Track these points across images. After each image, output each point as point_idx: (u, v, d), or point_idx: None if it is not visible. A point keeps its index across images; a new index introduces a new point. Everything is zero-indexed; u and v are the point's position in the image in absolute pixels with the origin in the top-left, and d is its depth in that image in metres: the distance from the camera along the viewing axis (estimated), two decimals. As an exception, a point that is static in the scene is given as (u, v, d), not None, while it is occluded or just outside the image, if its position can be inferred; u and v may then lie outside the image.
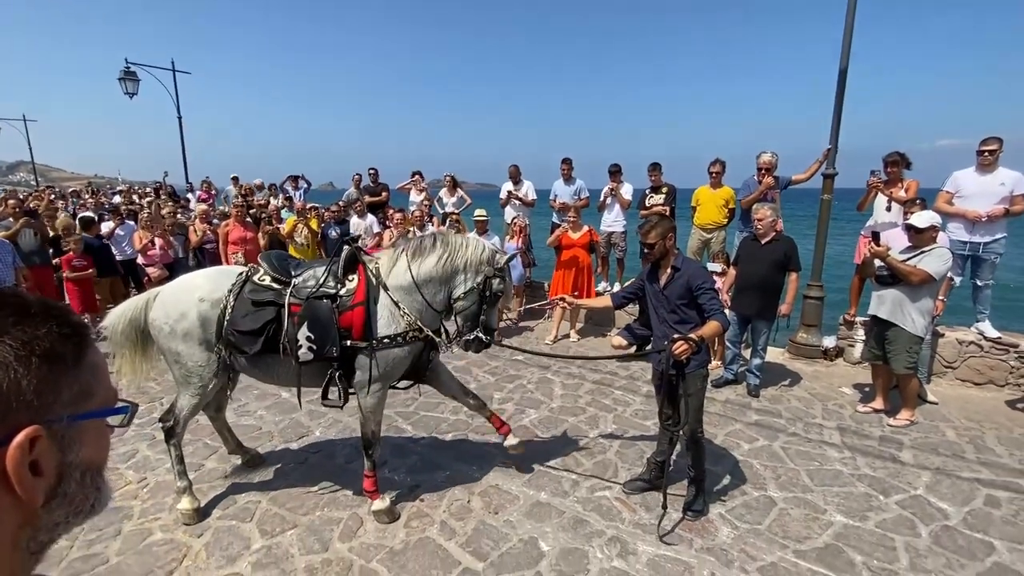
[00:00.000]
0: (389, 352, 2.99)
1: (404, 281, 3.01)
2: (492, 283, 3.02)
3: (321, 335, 2.87)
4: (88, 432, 0.56)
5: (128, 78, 13.09)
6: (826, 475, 3.66)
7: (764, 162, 5.80)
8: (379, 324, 2.97)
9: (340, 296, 2.96)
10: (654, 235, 3.09)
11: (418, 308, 3.02)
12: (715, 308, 2.93)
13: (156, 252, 7.41)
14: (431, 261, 3.00)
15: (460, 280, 3.03)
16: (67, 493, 0.54)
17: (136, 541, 2.94)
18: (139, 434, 4.24)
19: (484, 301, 3.03)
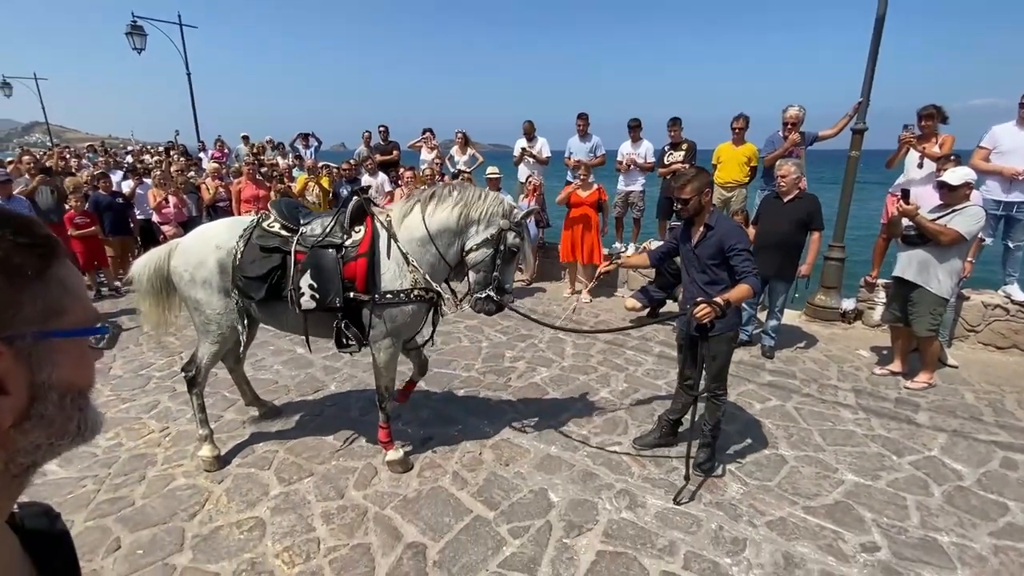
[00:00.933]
0: (392, 309, 2.95)
1: (418, 232, 2.94)
2: (507, 236, 2.94)
3: (324, 285, 2.85)
4: (63, 352, 0.53)
5: (135, 32, 12.84)
6: (839, 435, 3.64)
7: (790, 116, 5.54)
8: (384, 278, 2.92)
9: (345, 247, 2.92)
10: (689, 190, 2.90)
11: (430, 261, 2.96)
12: (747, 270, 2.79)
13: (170, 210, 7.43)
14: (446, 210, 2.92)
15: (473, 231, 2.94)
16: (43, 415, 0.52)
17: (160, 486, 3.06)
18: (160, 386, 4.36)
19: (498, 255, 2.94)
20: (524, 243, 3.06)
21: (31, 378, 0.50)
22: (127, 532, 2.69)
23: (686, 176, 2.98)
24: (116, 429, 3.68)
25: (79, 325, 0.55)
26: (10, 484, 0.53)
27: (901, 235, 4.27)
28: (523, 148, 7.59)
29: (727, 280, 2.91)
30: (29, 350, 0.50)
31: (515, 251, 3.00)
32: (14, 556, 0.58)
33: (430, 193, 3.00)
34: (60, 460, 3.28)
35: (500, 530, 2.70)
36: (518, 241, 2.98)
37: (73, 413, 0.55)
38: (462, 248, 2.98)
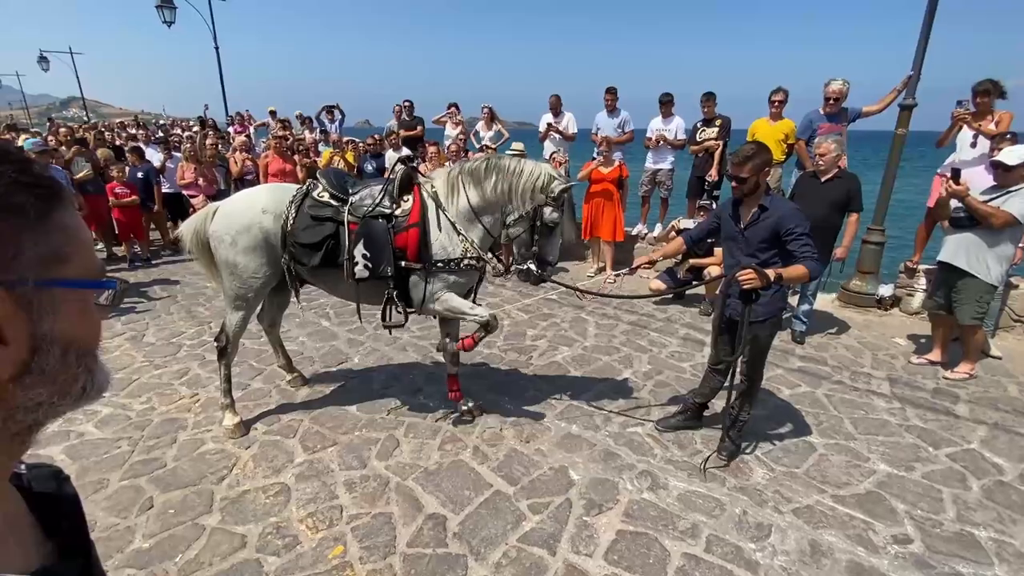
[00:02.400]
0: (443, 276, 3.00)
1: (462, 207, 2.99)
2: (543, 211, 2.92)
3: (376, 254, 2.92)
4: (66, 303, 0.50)
5: (165, 5, 12.93)
6: (872, 424, 3.51)
7: (833, 91, 5.24)
8: (436, 247, 2.97)
9: (396, 216, 2.97)
10: (749, 168, 2.70)
11: (479, 235, 3.01)
12: (807, 253, 2.62)
13: (200, 184, 7.55)
14: (488, 187, 2.94)
15: (512, 207, 2.96)
16: (46, 370, 0.49)
17: (190, 449, 3.15)
18: (191, 354, 4.47)
19: (536, 231, 2.95)
20: (563, 216, 3.01)
21: (32, 328, 0.47)
22: (159, 492, 2.78)
23: (745, 152, 2.75)
24: (149, 394, 3.79)
25: (84, 277, 0.52)
26: (11, 443, 0.51)
27: (949, 218, 4.03)
28: (549, 124, 7.42)
29: (778, 266, 2.74)
30: (30, 298, 0.47)
31: (553, 226, 2.98)
32: (20, 518, 0.56)
33: (471, 167, 2.99)
34: (96, 421, 3.42)
35: (520, 505, 2.70)
36: (556, 216, 2.96)
37: (79, 372, 0.52)
38: (503, 222, 3.01)
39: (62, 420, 3.41)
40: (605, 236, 6.60)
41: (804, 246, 2.65)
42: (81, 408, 0.56)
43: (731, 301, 2.87)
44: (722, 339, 3.13)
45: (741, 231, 2.87)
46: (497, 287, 6.33)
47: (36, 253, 0.47)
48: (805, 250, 2.64)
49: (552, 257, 3.07)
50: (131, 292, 6.07)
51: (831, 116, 5.40)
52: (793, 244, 2.68)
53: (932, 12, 4.99)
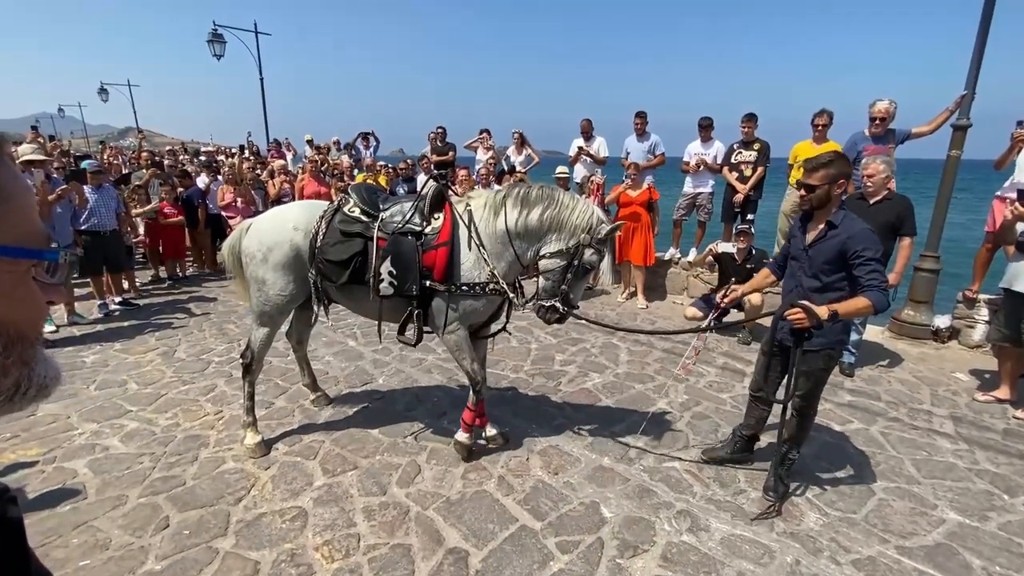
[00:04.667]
0: (466, 300, 2.90)
1: (498, 229, 2.86)
2: (585, 252, 2.77)
3: (403, 271, 2.84)
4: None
5: (215, 40, 13.71)
6: (936, 467, 3.19)
7: (879, 111, 5.02)
8: (463, 269, 2.86)
9: (425, 234, 2.88)
10: (821, 176, 2.47)
11: (508, 260, 2.88)
12: (873, 282, 2.37)
13: (238, 205, 7.77)
14: (534, 214, 2.80)
15: (553, 238, 2.81)
16: None
17: (210, 467, 3.08)
18: (219, 371, 4.47)
19: (570, 269, 2.78)
20: (602, 261, 2.85)
21: None
22: (176, 512, 2.70)
23: (820, 159, 2.52)
24: (175, 409, 3.78)
25: (15, 243, 0.41)
26: None
27: (1015, 242, 3.73)
28: (580, 147, 7.39)
29: (843, 291, 2.49)
30: None
31: (589, 268, 2.83)
32: None
33: (517, 193, 2.86)
34: (121, 436, 3.40)
35: (547, 543, 2.51)
36: (595, 259, 2.80)
37: (10, 364, 0.42)
38: (538, 252, 2.87)
39: (89, 433, 3.42)
40: (635, 260, 6.43)
41: (871, 273, 2.39)
42: (20, 410, 0.45)
43: (783, 324, 2.62)
44: (773, 363, 2.88)
45: (805, 249, 2.63)
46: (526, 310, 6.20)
47: None
48: (872, 278, 2.37)
49: (577, 299, 2.89)
50: (168, 309, 6.22)
51: (877, 138, 5.16)
52: (859, 269, 2.42)
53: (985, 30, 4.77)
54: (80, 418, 3.64)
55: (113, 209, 6.07)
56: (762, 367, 2.95)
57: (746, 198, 6.18)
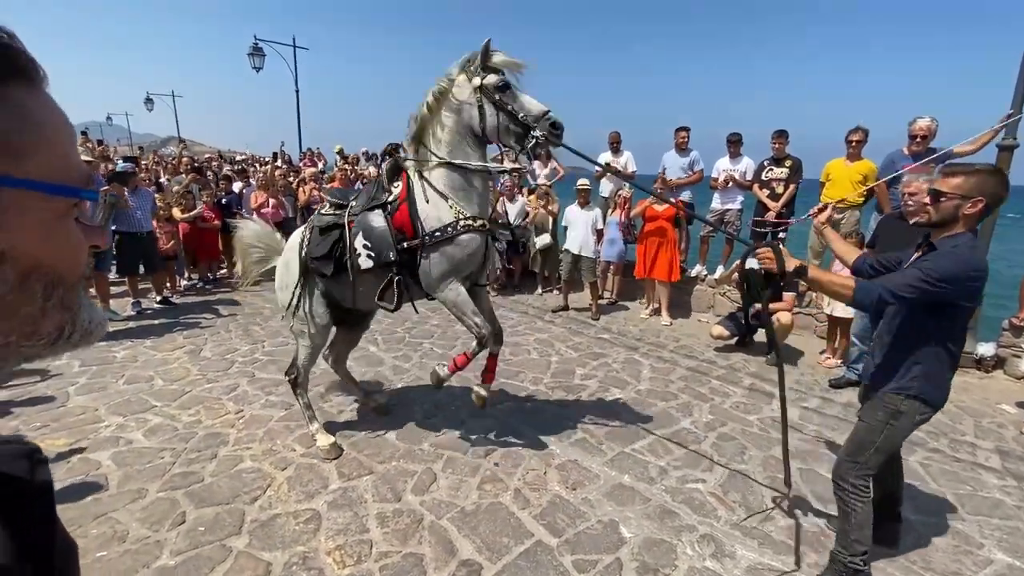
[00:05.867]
0: (443, 248, 2.82)
1: (438, 174, 2.85)
2: (486, 88, 2.66)
3: (377, 241, 2.88)
4: (24, 212, 0.38)
5: (256, 53, 14.24)
6: (982, 503, 2.99)
7: (920, 128, 4.86)
8: (427, 219, 2.83)
9: (389, 203, 2.93)
10: (956, 184, 1.96)
11: (464, 187, 2.83)
12: (883, 282, 2.01)
13: (269, 210, 7.97)
14: (438, 135, 2.79)
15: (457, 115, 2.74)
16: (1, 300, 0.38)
17: (228, 466, 3.09)
18: (242, 371, 4.53)
19: (501, 105, 2.65)
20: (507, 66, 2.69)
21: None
22: (193, 508, 2.71)
23: (965, 168, 2.02)
24: (198, 407, 3.83)
25: (50, 178, 0.40)
26: None
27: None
28: (607, 162, 7.35)
29: (928, 331, 2.04)
30: None
31: (504, 86, 2.68)
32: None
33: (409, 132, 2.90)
34: (144, 430, 3.46)
35: (564, 561, 2.42)
36: (493, 78, 2.66)
37: (49, 307, 0.41)
38: (475, 134, 2.78)
39: (114, 426, 3.49)
40: (661, 276, 6.32)
41: (900, 276, 2.01)
42: (63, 352, 0.44)
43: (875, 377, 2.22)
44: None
45: (898, 266, 2.23)
46: (546, 323, 6.15)
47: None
48: (894, 279, 2.01)
49: (536, 108, 2.68)
50: (197, 309, 6.37)
51: (917, 156, 4.98)
52: (898, 269, 2.15)
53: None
54: (107, 411, 3.72)
55: (149, 211, 6.28)
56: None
57: (778, 215, 6.04)
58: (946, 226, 2.02)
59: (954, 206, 1.97)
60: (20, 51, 0.39)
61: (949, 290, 1.90)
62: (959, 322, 2.04)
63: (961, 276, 1.90)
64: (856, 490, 2.20)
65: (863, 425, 2.23)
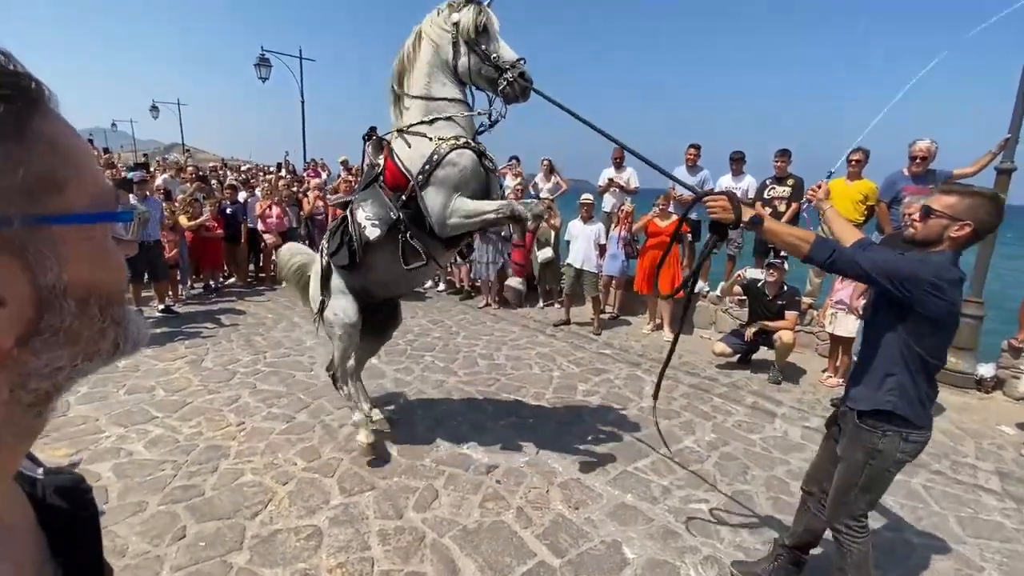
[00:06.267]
0: (436, 175, 2.70)
1: (415, 109, 2.81)
2: (455, 16, 2.66)
3: (376, 209, 2.86)
4: (73, 244, 0.40)
5: (262, 64, 14.39)
6: (983, 526, 2.98)
7: (919, 150, 4.92)
8: (413, 162, 2.74)
9: (379, 173, 2.92)
10: (947, 204, 1.87)
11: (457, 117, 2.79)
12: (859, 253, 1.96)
13: (272, 220, 8.00)
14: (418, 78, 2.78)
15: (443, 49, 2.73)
16: (60, 327, 0.39)
17: (229, 479, 3.08)
18: (243, 382, 4.53)
19: (475, 46, 2.65)
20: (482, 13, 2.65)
21: (32, 279, 0.37)
22: (194, 522, 2.70)
23: (962, 188, 1.94)
24: (199, 418, 3.82)
25: (89, 208, 0.41)
26: (24, 415, 0.40)
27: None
28: (610, 178, 7.41)
29: (900, 338, 1.90)
30: (21, 241, 0.36)
31: (482, 28, 2.64)
32: (23, 533, 0.45)
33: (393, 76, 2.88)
34: (145, 441, 3.45)
35: (566, 581, 2.41)
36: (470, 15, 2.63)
37: (107, 327, 0.42)
38: (455, 70, 2.75)
39: (115, 437, 3.48)
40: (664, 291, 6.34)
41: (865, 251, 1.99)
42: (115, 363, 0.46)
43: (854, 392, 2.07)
44: (827, 449, 2.27)
45: None
46: (548, 337, 6.16)
47: (15, 181, 0.36)
48: (857, 251, 1.98)
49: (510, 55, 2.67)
50: (199, 319, 6.37)
51: (917, 177, 5.05)
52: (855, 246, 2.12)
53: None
54: (108, 421, 3.71)
55: (158, 220, 6.32)
56: (820, 453, 2.36)
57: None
58: (930, 245, 1.92)
59: (941, 226, 1.88)
60: (25, 75, 0.38)
61: (903, 291, 1.80)
62: (933, 338, 1.89)
63: (919, 279, 1.79)
64: (850, 530, 2.09)
65: (843, 464, 2.08)
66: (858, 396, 2.03)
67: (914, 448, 1.98)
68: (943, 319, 1.85)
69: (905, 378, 1.90)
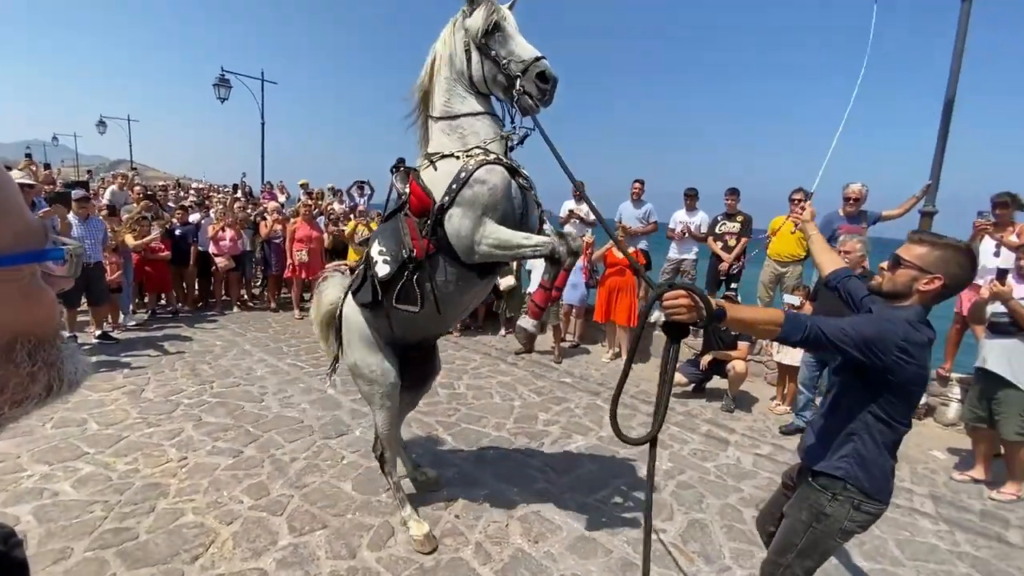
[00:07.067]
0: (463, 195, 2.30)
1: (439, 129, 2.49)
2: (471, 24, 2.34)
3: (389, 240, 2.53)
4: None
5: (222, 84, 14.12)
6: (919, 548, 3.14)
7: (853, 191, 5.34)
8: (439, 183, 2.37)
9: (405, 200, 2.55)
10: (918, 254, 1.79)
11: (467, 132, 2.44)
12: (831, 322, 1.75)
13: (226, 243, 7.73)
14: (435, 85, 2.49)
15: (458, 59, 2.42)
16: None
17: (168, 520, 2.88)
18: (187, 414, 4.28)
19: (487, 50, 2.31)
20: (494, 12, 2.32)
21: None
22: (124, 569, 2.50)
23: (934, 238, 1.81)
24: (136, 454, 3.57)
25: (15, 248, 0.38)
26: None
27: (989, 323, 3.88)
28: (570, 210, 7.61)
29: (863, 403, 1.80)
30: None
31: (490, 26, 2.30)
32: None
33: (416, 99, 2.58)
34: (73, 480, 3.19)
35: (525, 619, 2.37)
36: (478, 17, 2.30)
37: (37, 370, 0.40)
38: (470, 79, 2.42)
39: (38, 476, 3.21)
40: (620, 321, 6.49)
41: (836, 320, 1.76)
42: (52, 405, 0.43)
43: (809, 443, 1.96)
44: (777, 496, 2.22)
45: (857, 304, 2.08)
46: (509, 365, 6.15)
47: None
48: (829, 320, 1.75)
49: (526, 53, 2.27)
50: (140, 345, 6.01)
51: (851, 217, 5.46)
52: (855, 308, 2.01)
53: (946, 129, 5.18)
54: (31, 458, 3.41)
55: (100, 241, 5.99)
56: (771, 498, 2.30)
57: (730, 267, 6.40)
58: (898, 298, 1.81)
59: (910, 277, 1.78)
60: None
61: (873, 358, 1.68)
62: (900, 404, 1.78)
63: (887, 344, 1.67)
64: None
65: (787, 522, 1.97)
66: (812, 452, 1.92)
67: (865, 519, 1.85)
68: (912, 382, 1.75)
69: (866, 444, 1.79)
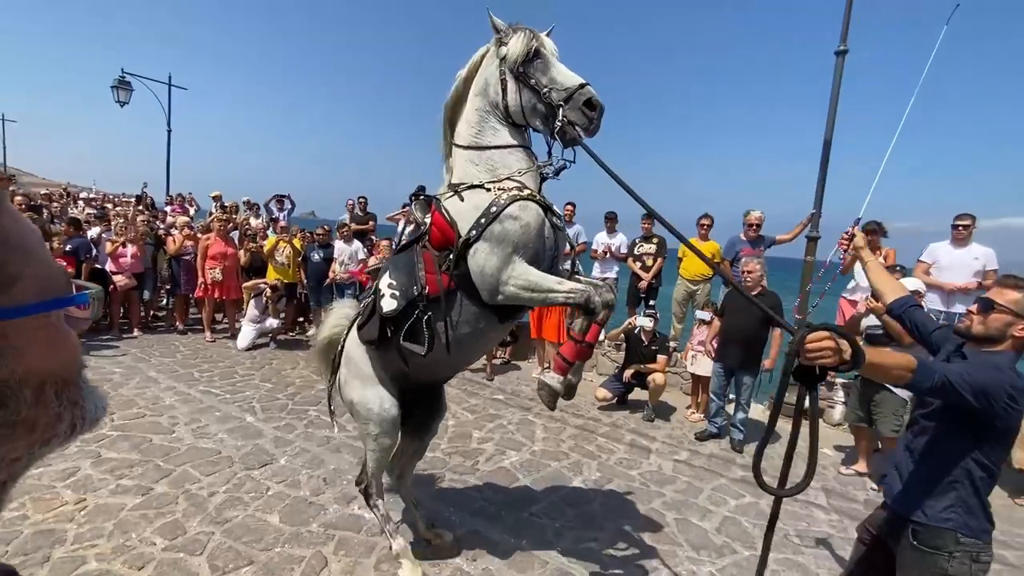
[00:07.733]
0: (492, 230, 2.10)
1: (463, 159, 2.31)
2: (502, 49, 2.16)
3: (402, 273, 2.33)
4: (26, 334, 0.39)
5: (121, 87, 12.93)
6: (815, 537, 3.54)
7: (754, 218, 5.99)
8: (465, 216, 2.18)
9: (424, 231, 2.34)
10: (1009, 299, 1.76)
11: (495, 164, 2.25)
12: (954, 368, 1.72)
13: (127, 260, 7.09)
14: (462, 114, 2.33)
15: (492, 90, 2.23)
16: (17, 420, 0.39)
17: (67, 570, 2.59)
18: (83, 450, 3.86)
19: (526, 78, 2.13)
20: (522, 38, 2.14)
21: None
22: (14, 631, 2.22)
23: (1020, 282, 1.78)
24: (23, 498, 3.17)
25: (42, 296, 0.40)
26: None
27: (864, 334, 4.49)
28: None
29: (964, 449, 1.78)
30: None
31: (534, 54, 2.13)
32: None
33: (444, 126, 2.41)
34: (-55, 535, 2.78)
35: (466, 638, 2.39)
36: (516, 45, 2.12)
37: (63, 410, 0.42)
38: (505, 110, 2.23)
39: None
40: (550, 338, 6.71)
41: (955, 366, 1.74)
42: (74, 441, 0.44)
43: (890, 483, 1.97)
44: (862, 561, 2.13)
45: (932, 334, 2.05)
46: (441, 385, 6.13)
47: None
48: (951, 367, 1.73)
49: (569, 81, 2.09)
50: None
51: (752, 241, 6.09)
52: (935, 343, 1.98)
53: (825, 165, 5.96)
54: None
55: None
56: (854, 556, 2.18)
57: (648, 285, 6.87)
58: (990, 343, 1.78)
59: (1004, 323, 1.75)
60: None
61: (982, 403, 1.65)
62: (999, 449, 1.77)
63: (998, 392, 1.65)
64: None
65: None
66: (907, 502, 1.87)
67: (984, 568, 1.77)
68: (1014, 429, 1.74)
69: (968, 491, 1.77)
